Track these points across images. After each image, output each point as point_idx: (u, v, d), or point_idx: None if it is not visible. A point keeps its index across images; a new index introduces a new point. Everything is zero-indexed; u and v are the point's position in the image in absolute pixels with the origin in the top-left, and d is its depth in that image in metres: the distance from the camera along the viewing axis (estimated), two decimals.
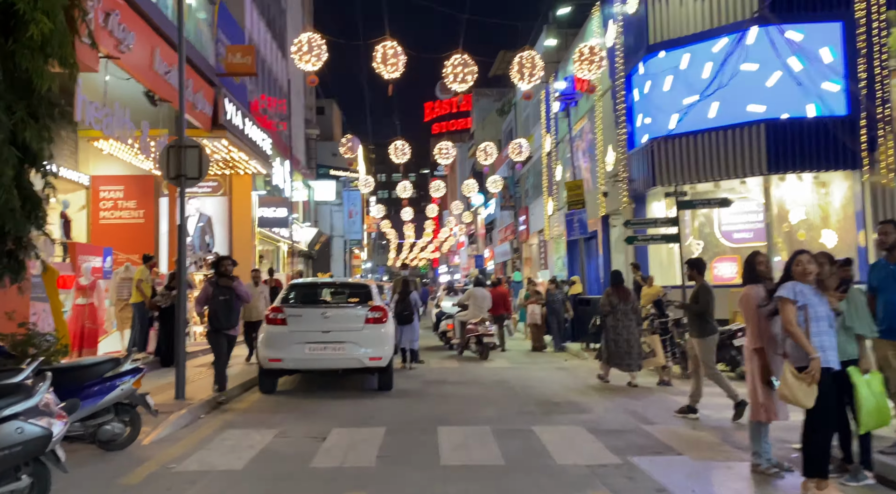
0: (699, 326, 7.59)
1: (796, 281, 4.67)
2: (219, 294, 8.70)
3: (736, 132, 14.43)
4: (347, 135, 16.47)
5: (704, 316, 7.55)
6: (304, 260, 33.49)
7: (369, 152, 60.72)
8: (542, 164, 29.21)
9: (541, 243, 30.57)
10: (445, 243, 58.24)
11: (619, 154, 17.97)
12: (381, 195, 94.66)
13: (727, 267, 15.60)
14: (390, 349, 9.49)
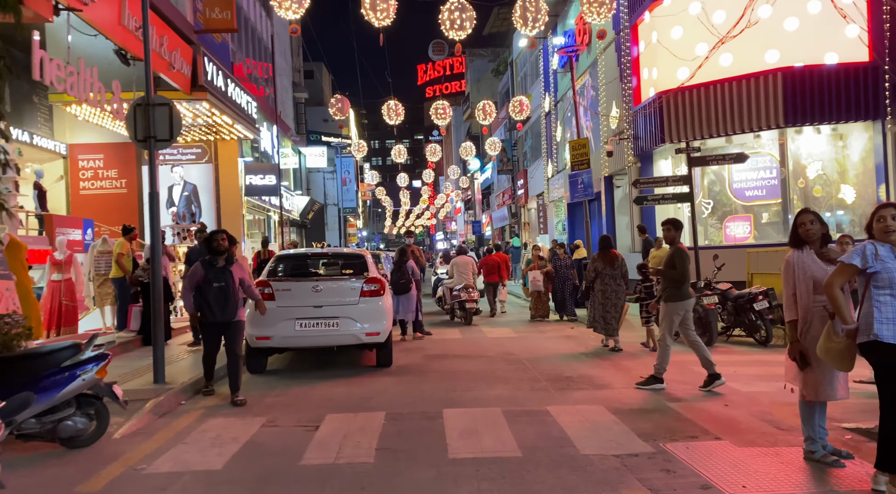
0: (671, 291, 7.16)
1: (876, 241, 3.91)
2: (212, 278, 6.94)
3: (751, 82, 13.54)
4: (337, 95, 15.52)
5: (680, 281, 7.08)
6: (298, 230, 32.68)
7: (361, 117, 59.34)
8: (540, 125, 28.25)
9: (540, 207, 29.79)
10: (442, 209, 57.38)
11: (624, 110, 17.07)
12: (375, 162, 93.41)
13: (740, 227, 14.87)
14: (389, 323, 8.79)
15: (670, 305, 7.12)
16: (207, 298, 7.00)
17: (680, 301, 7.08)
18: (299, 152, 32.06)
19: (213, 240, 7.17)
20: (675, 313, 7.10)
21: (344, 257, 10.00)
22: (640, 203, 12.90)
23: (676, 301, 7.09)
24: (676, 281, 7.07)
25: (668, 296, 7.17)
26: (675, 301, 7.09)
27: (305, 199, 30.70)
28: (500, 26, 43.98)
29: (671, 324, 7.13)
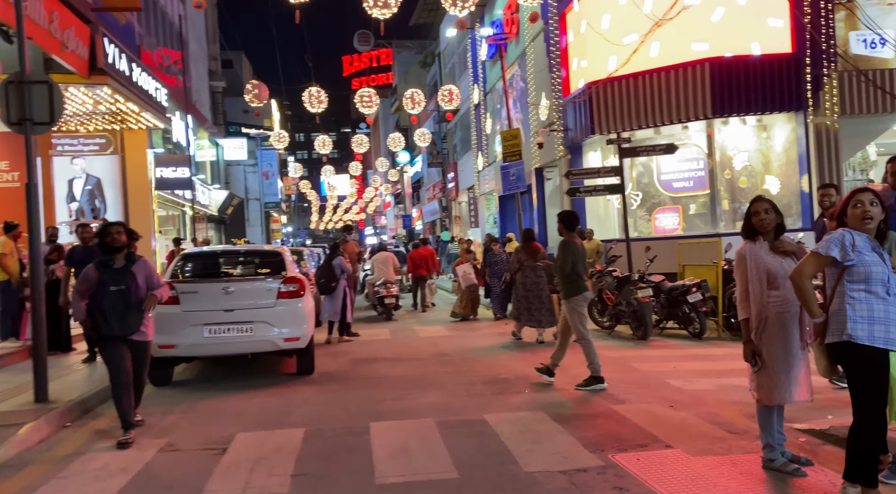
0: (564, 287, 7.06)
1: (851, 230, 3.53)
2: (109, 281, 5.54)
3: (679, 72, 13.49)
4: (253, 80, 14.50)
5: (570, 275, 6.98)
6: (216, 226, 31.09)
7: (285, 109, 57.43)
8: (470, 117, 27.85)
9: (471, 200, 29.44)
10: (371, 203, 56.34)
11: (554, 101, 16.82)
12: (301, 155, 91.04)
13: (669, 218, 14.86)
14: (310, 327, 8.06)
15: (571, 301, 6.96)
16: (103, 306, 5.50)
17: (579, 294, 6.96)
18: (217, 144, 30.43)
19: (107, 234, 5.72)
20: (579, 306, 6.96)
21: (259, 255, 9.13)
22: (572, 194, 12.61)
23: (576, 294, 6.95)
24: (568, 276, 6.94)
25: (565, 293, 7.01)
26: (575, 295, 6.95)
27: (224, 194, 29.18)
28: (426, 17, 43.32)
29: (581, 319, 6.96)
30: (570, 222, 7.17)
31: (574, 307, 6.95)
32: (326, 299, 10.87)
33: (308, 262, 14.57)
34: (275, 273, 8.14)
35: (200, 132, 27.57)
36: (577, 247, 7.07)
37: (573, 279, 6.94)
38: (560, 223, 7.23)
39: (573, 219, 7.24)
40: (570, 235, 7.13)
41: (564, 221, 7.18)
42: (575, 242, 7.09)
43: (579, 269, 6.98)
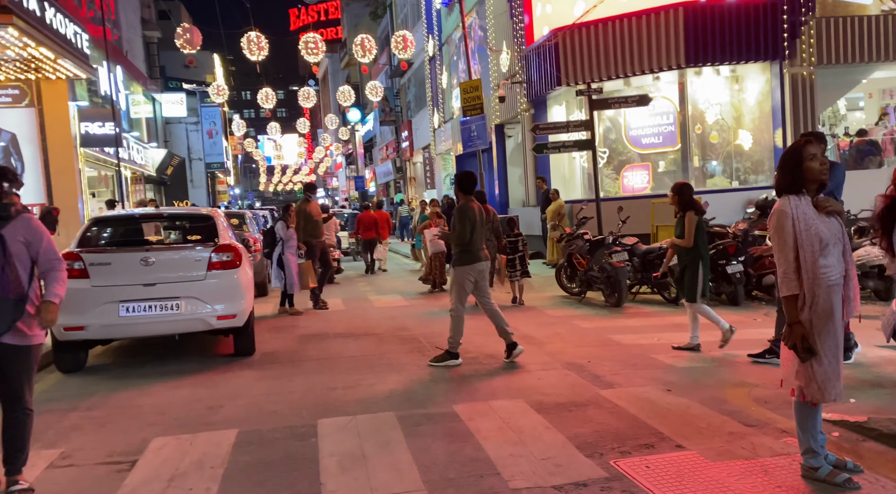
0: (457, 254, 6.45)
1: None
2: None
3: (651, 18, 12.56)
4: (185, 24, 12.93)
5: (466, 244, 6.36)
6: (156, 188, 29.15)
7: (228, 64, 54.50)
8: (424, 72, 26.48)
9: (426, 160, 28.28)
10: (321, 164, 54.45)
11: (516, 51, 15.72)
12: (248, 114, 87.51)
13: (638, 177, 14.12)
14: (248, 302, 6.98)
15: (458, 270, 6.37)
16: None
17: (468, 264, 6.31)
18: (153, 99, 28.28)
19: None
20: (465, 278, 6.33)
21: (186, 219, 7.85)
22: (539, 151, 11.68)
23: (464, 264, 6.32)
24: (459, 243, 6.34)
25: (455, 260, 6.45)
26: (463, 264, 6.32)
27: (162, 153, 27.25)
28: None
29: (461, 292, 6.36)
30: (466, 184, 6.46)
31: (459, 277, 6.33)
32: (274, 267, 9.84)
33: (251, 227, 13.33)
34: (205, 240, 6.99)
35: (134, 86, 25.46)
36: (475, 212, 6.35)
37: (468, 248, 6.31)
38: (455, 185, 6.55)
39: (470, 180, 6.51)
40: (467, 199, 6.42)
41: (461, 183, 6.48)
42: (472, 207, 6.37)
43: (476, 238, 6.32)
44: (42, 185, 16.20)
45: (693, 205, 6.44)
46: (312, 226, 10.36)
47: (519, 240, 10.08)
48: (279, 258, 9.79)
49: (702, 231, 6.45)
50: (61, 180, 16.23)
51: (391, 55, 34.76)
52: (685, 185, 6.68)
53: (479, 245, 6.36)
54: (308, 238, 10.28)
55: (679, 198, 6.50)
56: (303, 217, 10.22)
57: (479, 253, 6.33)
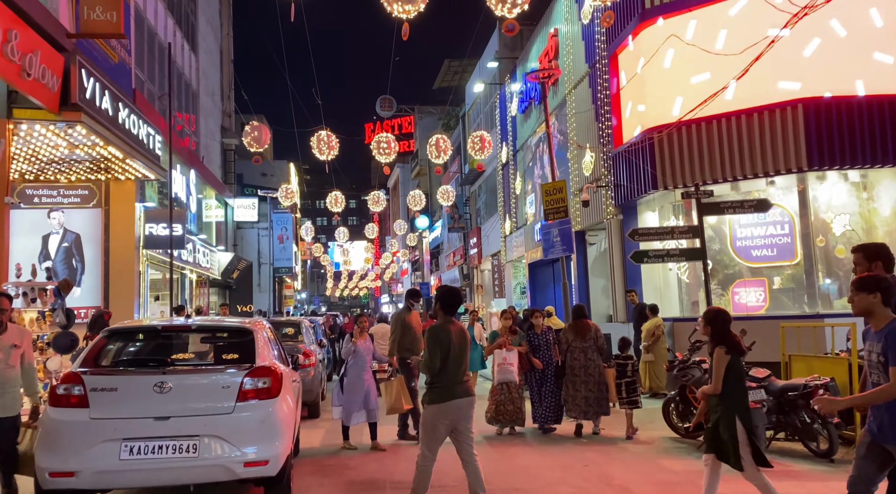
0: (427, 389, 5.29)
1: None
2: None
3: (764, 116, 11.14)
4: (254, 121, 12.43)
5: (434, 376, 5.23)
6: (220, 291, 28.77)
7: (303, 173, 56.31)
8: (496, 179, 25.74)
9: (495, 268, 26.95)
10: (387, 271, 54.06)
11: (602, 154, 14.52)
12: (320, 222, 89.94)
13: (752, 294, 12.17)
14: (286, 443, 5.42)
15: (427, 409, 5.23)
16: None
17: (439, 402, 5.13)
18: (226, 204, 28.52)
19: None
20: (437, 421, 5.16)
21: (218, 331, 6.48)
22: (638, 260, 10.04)
23: (434, 402, 5.16)
24: (428, 374, 5.22)
25: (425, 396, 5.28)
26: (433, 402, 5.17)
27: (229, 256, 26.99)
28: (450, 80, 42.31)
29: (430, 438, 5.19)
30: (448, 302, 5.40)
31: (428, 419, 5.20)
32: (335, 390, 8.29)
33: (307, 337, 11.99)
34: (240, 360, 5.57)
35: (207, 190, 25.72)
36: (450, 335, 5.20)
37: (438, 382, 5.17)
38: (436, 302, 5.45)
39: (454, 298, 5.47)
40: (446, 319, 5.34)
41: (442, 300, 5.40)
42: (447, 329, 5.24)
43: (452, 368, 5.16)
44: (101, 287, 15.60)
45: (726, 340, 5.00)
46: (411, 340, 8.54)
47: (629, 365, 8.82)
48: (342, 378, 8.28)
49: (737, 373, 4.96)
50: (120, 282, 15.60)
51: (462, 163, 34.59)
52: (720, 312, 5.20)
53: (457, 377, 5.16)
54: (405, 354, 8.57)
55: (711, 328, 5.09)
56: (400, 328, 8.55)
57: (455, 387, 5.13)
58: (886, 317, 3.73)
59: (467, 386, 5.21)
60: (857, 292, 3.79)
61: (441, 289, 5.51)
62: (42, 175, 14.63)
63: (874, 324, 3.80)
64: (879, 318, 3.75)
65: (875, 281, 3.80)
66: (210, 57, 27.31)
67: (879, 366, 3.71)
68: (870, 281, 3.80)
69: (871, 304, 3.76)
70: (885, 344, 3.64)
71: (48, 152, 12.89)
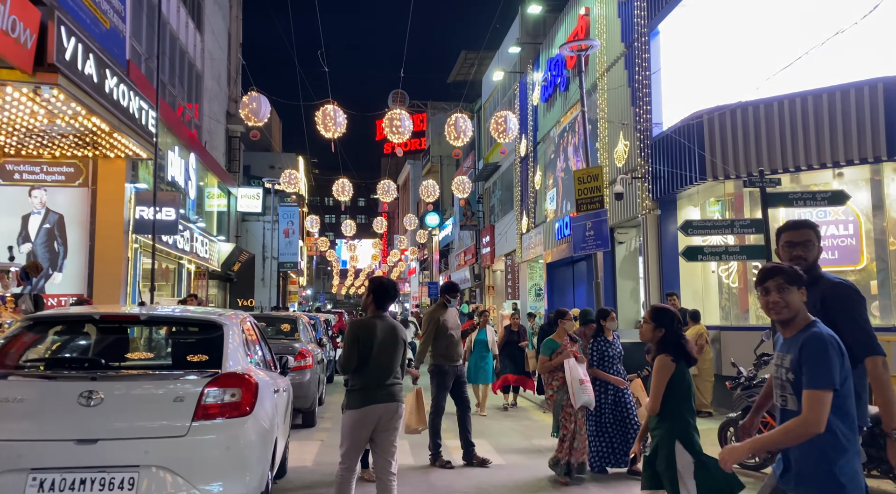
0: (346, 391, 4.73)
1: None
2: None
3: (835, 97, 9.69)
4: (252, 91, 11.09)
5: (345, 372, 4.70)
6: (220, 285, 27.50)
7: (311, 167, 55.09)
8: (513, 174, 24.35)
9: (508, 268, 25.55)
10: (395, 269, 52.73)
11: (638, 141, 13.11)
12: (329, 219, 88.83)
13: None
14: (260, 475, 4.07)
15: (345, 416, 4.67)
16: None
17: (356, 407, 4.59)
18: (229, 193, 27.25)
19: None
20: (354, 427, 4.59)
21: (175, 324, 4.99)
22: (691, 258, 8.61)
23: (351, 407, 4.61)
24: (344, 373, 4.74)
25: (344, 401, 4.75)
26: (350, 407, 4.62)
27: (230, 247, 25.71)
28: (466, 73, 40.89)
29: (349, 446, 4.59)
30: (380, 295, 4.82)
31: (346, 425, 4.61)
32: None
33: (304, 335, 10.63)
34: (203, 365, 4.22)
35: (209, 177, 24.46)
36: (372, 330, 4.63)
37: (355, 384, 4.62)
38: (368, 295, 4.85)
39: (387, 291, 4.84)
40: (375, 314, 4.79)
41: (375, 291, 4.82)
42: (372, 324, 4.68)
43: (373, 369, 4.58)
44: (84, 274, 14.33)
45: (675, 345, 4.04)
46: (447, 345, 7.12)
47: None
48: None
49: (684, 389, 4.01)
50: (105, 269, 14.32)
51: (476, 159, 33.21)
52: (663, 311, 4.16)
53: (380, 379, 4.57)
54: (441, 361, 7.12)
55: (664, 329, 4.09)
56: (434, 329, 7.10)
57: (376, 391, 4.54)
58: (804, 320, 2.79)
59: (391, 391, 4.59)
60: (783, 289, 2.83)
61: (375, 281, 4.91)
62: (24, 149, 13.38)
63: (786, 330, 2.87)
64: (796, 320, 2.82)
65: (795, 272, 2.83)
66: (217, 38, 26.05)
67: (788, 386, 2.78)
68: (786, 271, 2.84)
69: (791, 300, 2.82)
70: (798, 355, 2.72)
71: (26, 121, 11.62)
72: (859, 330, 3.24)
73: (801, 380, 2.68)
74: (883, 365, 3.21)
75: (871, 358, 3.22)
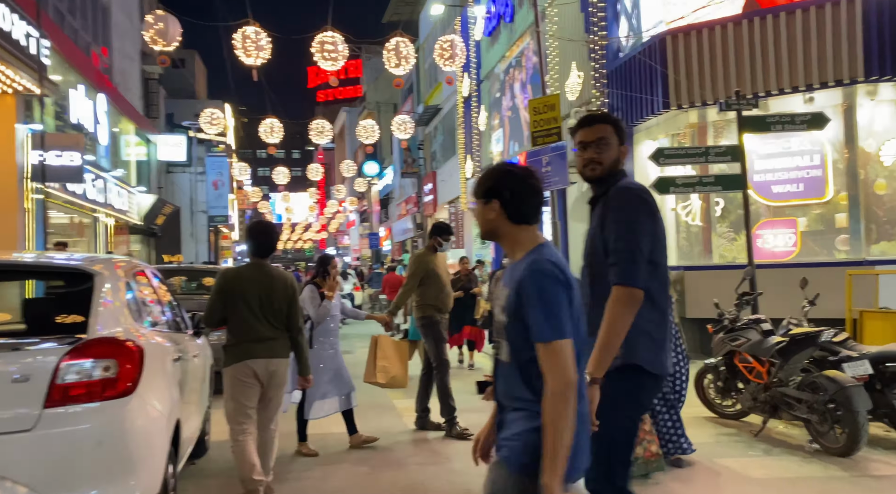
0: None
1: None
2: None
3: (809, 14, 8.92)
4: (158, 10, 9.44)
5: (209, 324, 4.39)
6: (144, 240, 25.54)
7: (240, 115, 52.11)
8: (455, 117, 23.17)
9: (452, 216, 24.63)
10: (333, 221, 51.12)
11: (592, 72, 12.16)
12: (263, 172, 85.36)
13: (780, 237, 10.18)
14: (149, 477, 3.00)
15: (225, 372, 4.29)
16: None
17: (232, 363, 4.22)
18: (148, 141, 25.06)
19: None
20: (235, 383, 4.22)
21: (27, 274, 3.60)
22: (663, 190, 7.80)
23: (228, 363, 4.24)
24: (208, 326, 4.52)
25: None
26: (228, 363, 4.24)
27: (151, 199, 23.76)
28: (401, 13, 38.90)
29: (232, 408, 4.23)
30: (259, 241, 4.47)
31: (227, 384, 4.27)
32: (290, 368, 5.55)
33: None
34: (62, 329, 3.07)
35: (123, 122, 22.27)
36: (243, 282, 4.29)
37: (231, 339, 4.29)
38: (248, 239, 4.58)
39: (265, 236, 4.50)
40: (254, 262, 4.46)
41: (252, 237, 4.52)
42: (243, 274, 4.39)
43: (246, 323, 4.22)
44: None
45: None
46: (437, 292, 6.24)
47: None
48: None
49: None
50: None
51: (415, 103, 31.78)
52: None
53: (260, 333, 4.21)
54: (431, 311, 6.21)
55: None
56: (421, 273, 6.16)
57: (253, 346, 4.20)
58: (532, 241, 2.23)
59: (271, 346, 4.23)
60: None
61: (250, 225, 4.60)
62: None
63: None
64: (512, 243, 2.26)
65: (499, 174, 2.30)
66: None
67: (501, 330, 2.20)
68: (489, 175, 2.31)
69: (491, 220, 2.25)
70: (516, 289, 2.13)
71: None
72: (620, 245, 2.53)
73: (514, 325, 2.09)
74: (623, 302, 2.48)
75: (617, 287, 2.51)
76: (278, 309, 4.28)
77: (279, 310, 4.28)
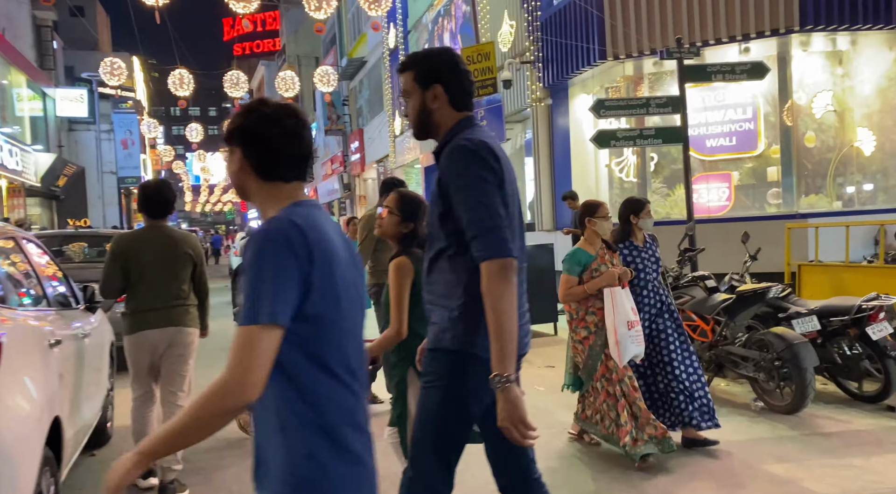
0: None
1: None
2: None
3: None
4: None
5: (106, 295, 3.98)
6: (45, 202, 23.58)
7: (149, 70, 48.81)
8: (381, 70, 22.21)
9: (381, 175, 23.87)
10: None
11: (526, 21, 11.63)
12: (177, 130, 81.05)
13: (714, 192, 10.12)
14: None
15: (125, 341, 3.94)
16: None
17: (127, 334, 3.89)
18: (44, 95, 22.91)
19: None
20: (130, 356, 3.90)
21: None
22: (604, 144, 7.44)
23: (125, 334, 3.91)
24: (106, 296, 4.07)
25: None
26: (125, 334, 3.92)
27: (50, 158, 21.85)
28: None
29: (131, 374, 3.94)
30: (152, 200, 3.96)
31: (126, 352, 3.93)
32: None
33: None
34: None
35: (13, 74, 20.18)
36: (139, 245, 3.89)
37: (128, 308, 3.93)
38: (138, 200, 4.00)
39: (158, 195, 3.96)
40: (150, 224, 4.01)
41: (143, 197, 3.99)
42: (138, 237, 3.97)
43: (141, 291, 3.87)
44: None
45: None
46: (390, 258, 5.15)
47: None
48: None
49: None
50: None
51: (338, 56, 30.41)
52: (413, 200, 3.26)
53: (156, 301, 3.83)
54: (384, 278, 5.27)
55: (400, 220, 3.19)
56: (371, 236, 5.21)
57: (148, 314, 3.83)
58: (287, 199, 1.71)
59: (170, 314, 3.86)
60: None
61: (144, 186, 4.05)
62: None
63: None
64: (263, 206, 1.76)
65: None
66: None
67: None
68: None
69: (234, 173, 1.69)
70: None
71: None
72: (474, 215, 2.03)
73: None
74: (499, 276, 1.99)
75: (486, 262, 2.01)
76: (179, 274, 3.89)
77: (181, 275, 3.90)
